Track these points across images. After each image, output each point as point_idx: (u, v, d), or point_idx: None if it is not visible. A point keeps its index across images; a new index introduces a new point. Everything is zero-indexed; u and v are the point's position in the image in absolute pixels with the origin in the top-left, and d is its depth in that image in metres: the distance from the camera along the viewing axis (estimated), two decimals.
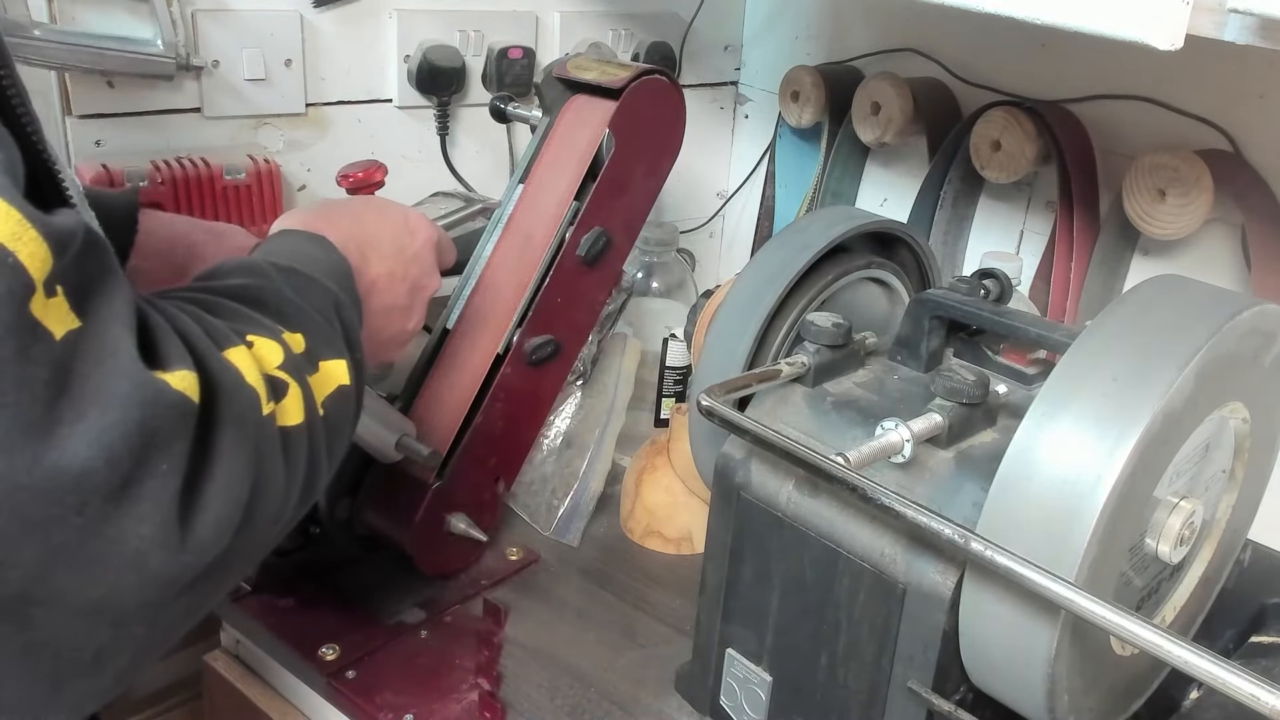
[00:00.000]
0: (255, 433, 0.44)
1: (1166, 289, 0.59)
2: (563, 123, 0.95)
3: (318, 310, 0.54)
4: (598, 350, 1.07)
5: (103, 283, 0.39)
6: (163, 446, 0.39)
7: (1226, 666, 0.46)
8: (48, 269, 0.36)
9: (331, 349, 0.53)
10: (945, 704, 0.61)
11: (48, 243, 0.36)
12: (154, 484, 0.38)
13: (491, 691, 0.79)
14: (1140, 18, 0.57)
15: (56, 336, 0.36)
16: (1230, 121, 0.99)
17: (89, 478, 0.36)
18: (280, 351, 0.48)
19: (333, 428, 0.51)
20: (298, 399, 0.48)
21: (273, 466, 0.45)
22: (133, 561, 0.38)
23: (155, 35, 0.94)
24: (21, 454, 0.35)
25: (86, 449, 0.36)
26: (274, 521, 0.46)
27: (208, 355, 0.43)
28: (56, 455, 0.36)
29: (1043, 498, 0.53)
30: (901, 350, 0.75)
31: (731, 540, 0.72)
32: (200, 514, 0.40)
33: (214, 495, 0.41)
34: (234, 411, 0.43)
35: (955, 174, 1.18)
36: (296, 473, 0.47)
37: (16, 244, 0.35)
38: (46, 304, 0.36)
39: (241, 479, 0.42)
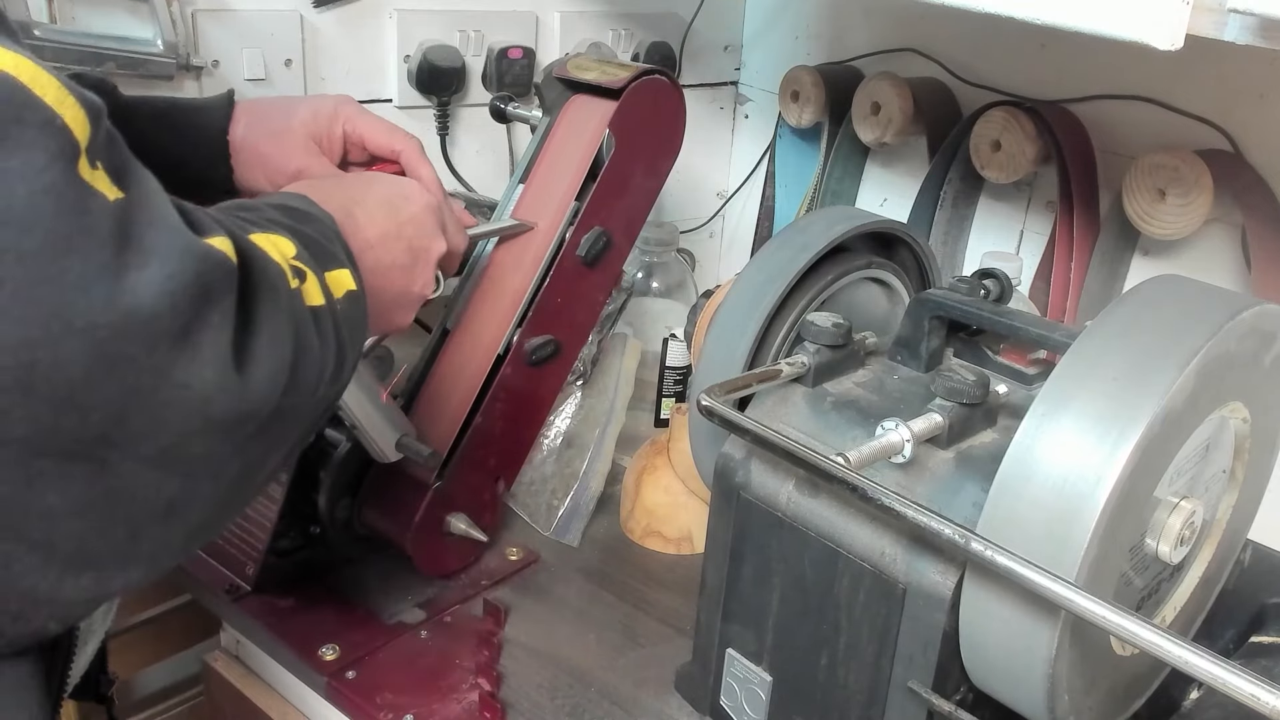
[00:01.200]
0: (288, 301, 0.47)
1: (1166, 289, 0.59)
2: (563, 123, 0.95)
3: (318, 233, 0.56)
4: (598, 350, 1.07)
5: (132, 163, 0.41)
6: (215, 300, 0.41)
7: (1227, 666, 0.46)
8: (87, 136, 0.38)
9: (334, 260, 0.55)
10: (945, 704, 0.61)
11: (84, 109, 0.38)
12: (210, 333, 0.41)
13: (491, 691, 0.79)
14: (1140, 18, 0.57)
15: (109, 199, 0.38)
16: (1230, 121, 0.99)
17: (157, 320, 0.39)
18: (293, 244, 0.51)
19: (350, 323, 0.53)
20: (316, 284, 0.50)
21: (307, 334, 0.48)
22: (198, 406, 0.41)
23: (155, 35, 0.94)
24: (97, 294, 0.37)
25: (152, 294, 0.38)
26: (314, 390, 0.48)
27: (236, 232, 0.46)
28: (129, 298, 0.38)
29: (1043, 498, 0.53)
30: (901, 350, 0.75)
31: (731, 540, 0.72)
32: (252, 364, 0.43)
33: (261, 349, 0.44)
34: (266, 280, 0.46)
35: (955, 174, 1.18)
36: (328, 347, 0.50)
37: (61, 108, 0.37)
38: (93, 172, 0.38)
39: (283, 338, 0.45)
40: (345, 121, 0.79)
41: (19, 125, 0.36)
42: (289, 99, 0.81)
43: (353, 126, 0.79)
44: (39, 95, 0.37)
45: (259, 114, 0.78)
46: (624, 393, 1.07)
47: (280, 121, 0.78)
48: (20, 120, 0.36)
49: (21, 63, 0.37)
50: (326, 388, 0.50)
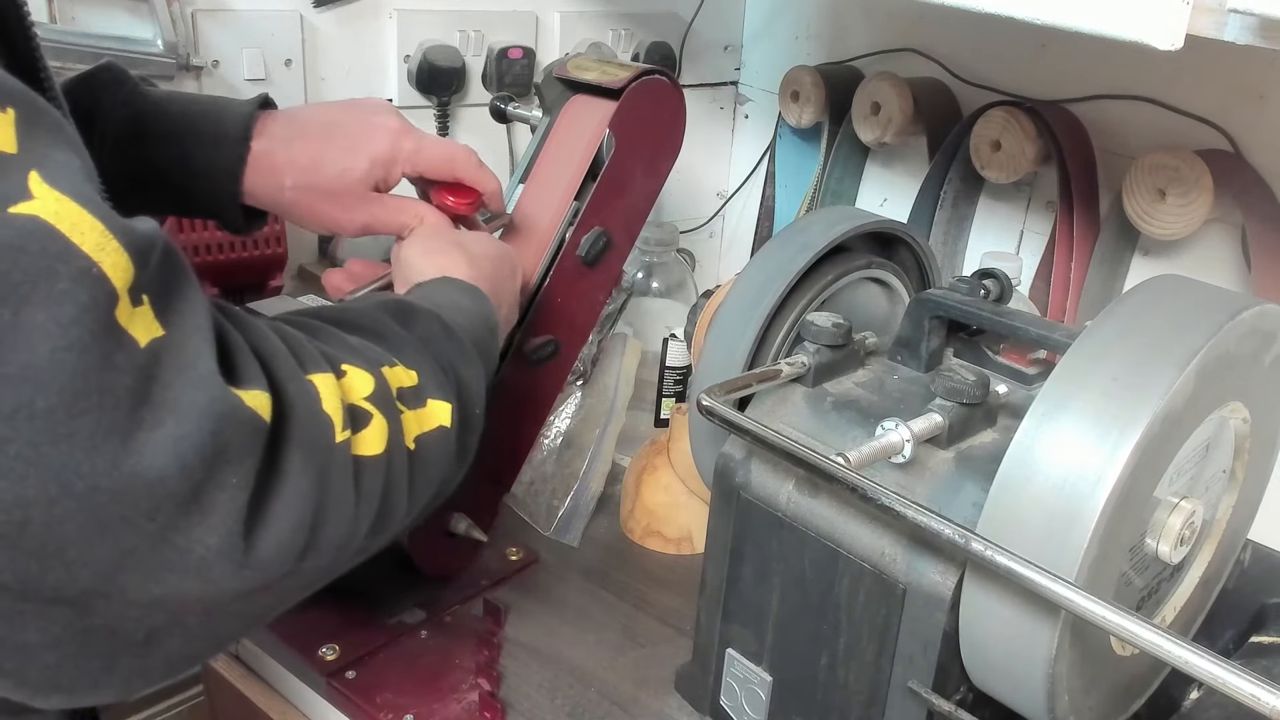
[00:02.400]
0: (325, 457, 0.44)
1: (1166, 289, 0.59)
2: (563, 123, 0.95)
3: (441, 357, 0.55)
4: (598, 350, 1.07)
5: (183, 291, 0.40)
6: (233, 461, 0.40)
7: (1227, 666, 0.46)
8: (130, 278, 0.37)
9: (441, 392, 0.54)
10: (945, 704, 0.61)
11: (129, 253, 0.37)
12: (223, 497, 0.39)
13: (491, 691, 0.79)
14: (1140, 18, 0.57)
15: (141, 344, 0.37)
16: (1230, 121, 0.99)
17: (163, 484, 0.37)
18: (371, 382, 0.49)
19: (423, 462, 0.51)
20: (380, 430, 0.48)
21: (341, 492, 0.45)
22: (197, 570, 0.39)
23: (155, 35, 0.94)
24: (103, 457, 0.36)
25: (162, 457, 0.37)
26: (340, 548, 0.46)
27: (289, 378, 0.44)
28: (135, 460, 0.37)
29: (1043, 498, 0.53)
30: (901, 350, 0.75)
31: (731, 540, 0.72)
32: (264, 531, 0.41)
33: (278, 515, 0.42)
34: (305, 435, 0.43)
35: (955, 174, 1.18)
36: (369, 503, 0.47)
37: (100, 254, 0.36)
38: (133, 313, 0.37)
39: (307, 502, 0.43)
40: (405, 165, 0.74)
41: (50, 278, 0.35)
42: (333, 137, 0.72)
43: (412, 167, 0.75)
44: (76, 243, 0.36)
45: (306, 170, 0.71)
46: (624, 393, 1.07)
47: (339, 181, 0.72)
48: (52, 273, 0.35)
49: (65, 207, 0.36)
50: (363, 541, 0.48)
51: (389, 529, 0.50)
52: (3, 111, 0.36)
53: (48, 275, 0.35)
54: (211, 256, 1.00)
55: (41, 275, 0.35)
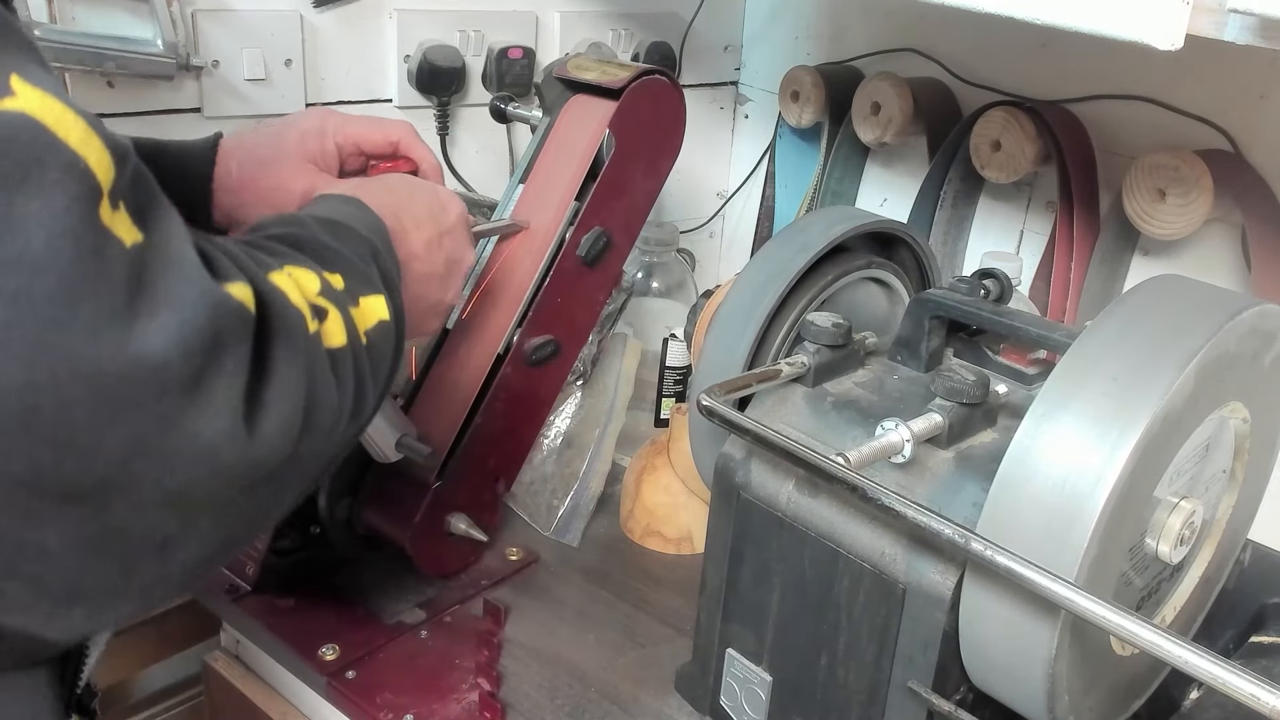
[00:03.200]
0: (305, 346, 0.46)
1: (1166, 289, 0.59)
2: (563, 123, 0.95)
3: (356, 255, 0.56)
4: (598, 350, 1.07)
5: (157, 200, 0.41)
6: (229, 347, 0.41)
7: (1227, 666, 0.46)
8: (110, 179, 0.38)
9: (369, 286, 0.55)
10: (945, 704, 0.61)
11: (109, 151, 0.38)
12: (222, 382, 0.41)
13: (491, 691, 0.79)
14: (1140, 18, 0.57)
15: (126, 244, 0.38)
16: (1230, 121, 0.99)
17: (166, 369, 0.38)
18: (318, 281, 0.50)
19: (376, 355, 0.53)
20: (339, 322, 0.50)
21: (324, 379, 0.47)
22: (206, 455, 0.40)
23: (155, 35, 0.94)
24: (106, 341, 0.37)
25: (163, 342, 0.38)
26: (328, 435, 0.48)
27: (256, 276, 0.45)
28: (138, 346, 0.38)
29: (1043, 498, 0.53)
30: (901, 350, 0.75)
31: (731, 540, 0.72)
32: (264, 414, 0.43)
33: (274, 398, 0.43)
34: (284, 325, 0.45)
35: (955, 174, 1.18)
36: (346, 389, 0.49)
37: (85, 150, 0.37)
38: (114, 215, 0.38)
39: (297, 385, 0.45)
40: (335, 134, 0.78)
41: (41, 168, 0.36)
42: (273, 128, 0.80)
43: (343, 136, 0.79)
44: (62, 138, 0.37)
45: (247, 149, 0.77)
46: (624, 393, 1.07)
47: (270, 151, 0.77)
48: (42, 163, 0.36)
49: (48, 103, 0.37)
50: (344, 428, 0.50)
51: (362, 417, 0.52)
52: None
53: (38, 165, 0.36)
54: None
55: (32, 165, 0.36)
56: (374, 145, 0.80)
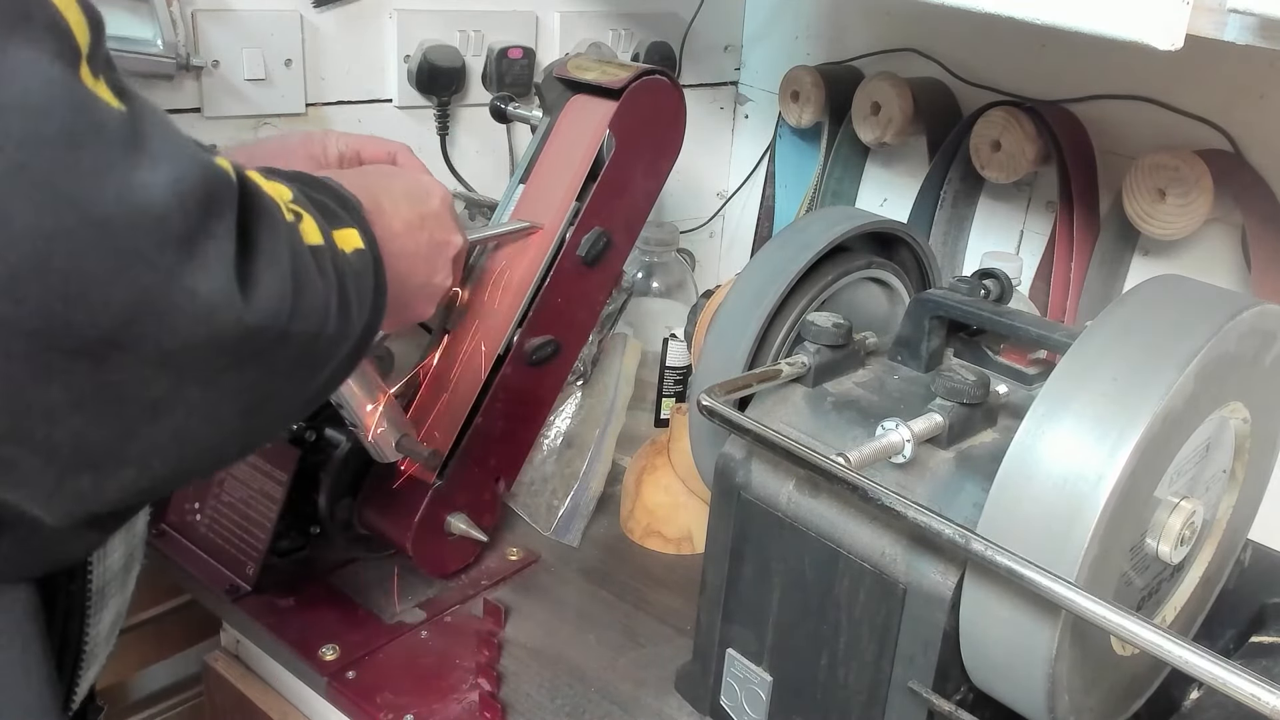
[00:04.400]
0: (286, 232, 0.46)
1: (1166, 289, 0.59)
2: (563, 123, 0.95)
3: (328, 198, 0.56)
4: (598, 350, 1.07)
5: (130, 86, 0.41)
6: (218, 211, 0.42)
7: (1227, 666, 0.46)
8: (88, 46, 0.39)
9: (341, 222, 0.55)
10: (946, 704, 0.61)
11: (86, 19, 0.39)
12: (214, 244, 0.41)
13: (491, 691, 0.79)
14: (1140, 18, 0.57)
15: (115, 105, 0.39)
16: (1230, 121, 0.99)
17: (167, 220, 0.39)
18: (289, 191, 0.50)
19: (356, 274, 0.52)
20: (313, 224, 0.50)
21: (306, 264, 0.47)
22: (204, 314, 0.41)
23: (155, 35, 0.94)
24: (110, 186, 0.38)
25: (162, 193, 0.39)
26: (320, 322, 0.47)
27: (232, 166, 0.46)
28: (140, 194, 0.38)
29: (1043, 498, 0.53)
30: (902, 350, 0.75)
31: (732, 540, 0.72)
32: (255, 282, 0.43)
33: (261, 269, 0.44)
34: (263, 208, 0.45)
35: (955, 174, 1.18)
36: (329, 282, 0.49)
37: (66, 10, 0.38)
38: (95, 82, 0.39)
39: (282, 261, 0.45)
40: (337, 141, 0.80)
41: (27, 22, 0.37)
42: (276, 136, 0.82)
43: (345, 143, 0.80)
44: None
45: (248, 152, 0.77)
46: (624, 393, 1.07)
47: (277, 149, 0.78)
48: (28, 16, 0.37)
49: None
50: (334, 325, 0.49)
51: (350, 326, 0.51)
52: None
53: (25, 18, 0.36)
54: None
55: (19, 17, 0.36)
56: (374, 155, 0.81)
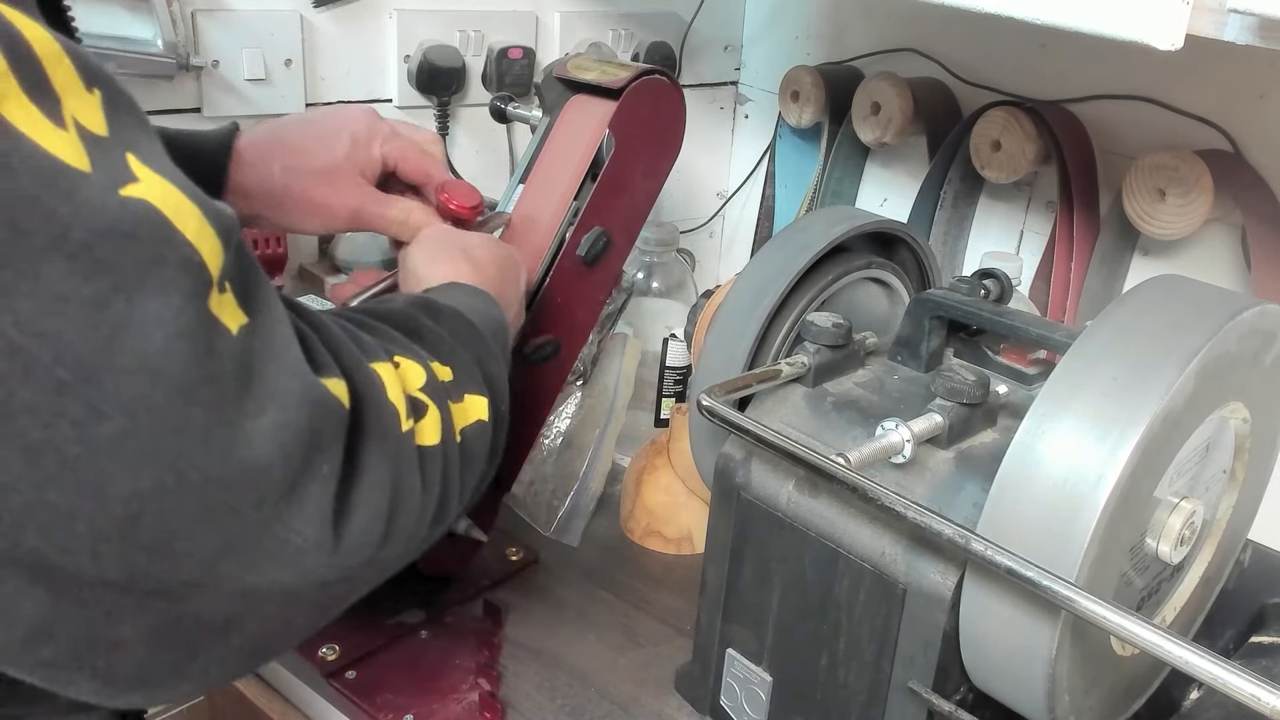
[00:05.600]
0: (395, 446, 0.45)
1: (1166, 289, 0.59)
2: (563, 123, 0.94)
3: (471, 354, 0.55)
4: (598, 350, 1.07)
5: (259, 279, 0.40)
6: (325, 448, 0.40)
7: (1227, 666, 0.46)
8: (220, 265, 0.37)
9: (475, 385, 0.54)
10: (946, 704, 0.61)
11: (220, 239, 0.37)
12: (317, 486, 0.40)
13: (491, 691, 0.79)
14: (1140, 18, 0.57)
15: (233, 332, 0.37)
16: (1230, 121, 0.99)
17: (269, 473, 0.37)
18: (424, 375, 0.49)
19: (469, 456, 0.52)
20: (435, 420, 0.49)
21: (410, 481, 0.46)
22: (293, 559, 0.39)
23: (155, 35, 0.94)
24: (216, 446, 0.36)
25: (268, 444, 0.37)
26: (410, 538, 0.46)
27: (355, 366, 0.44)
28: (245, 449, 0.37)
29: (1043, 498, 0.53)
30: (902, 350, 0.75)
31: (732, 540, 0.72)
32: (350, 519, 0.41)
33: (360, 502, 0.42)
34: (376, 424, 0.44)
35: (955, 174, 1.18)
36: (431, 492, 0.48)
37: (200, 241, 0.36)
38: (220, 300, 0.37)
39: (383, 490, 0.43)
40: (382, 143, 0.76)
41: (160, 265, 0.35)
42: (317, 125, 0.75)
43: (388, 148, 0.76)
44: (180, 230, 0.36)
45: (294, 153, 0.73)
46: (624, 393, 1.07)
47: (326, 158, 0.73)
48: (161, 260, 0.35)
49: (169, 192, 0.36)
50: (427, 530, 0.48)
51: (446, 519, 0.51)
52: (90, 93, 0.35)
53: (157, 262, 0.35)
54: None
55: (152, 262, 0.35)
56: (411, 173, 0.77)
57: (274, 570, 0.39)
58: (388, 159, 0.77)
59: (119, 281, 0.34)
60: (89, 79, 0.35)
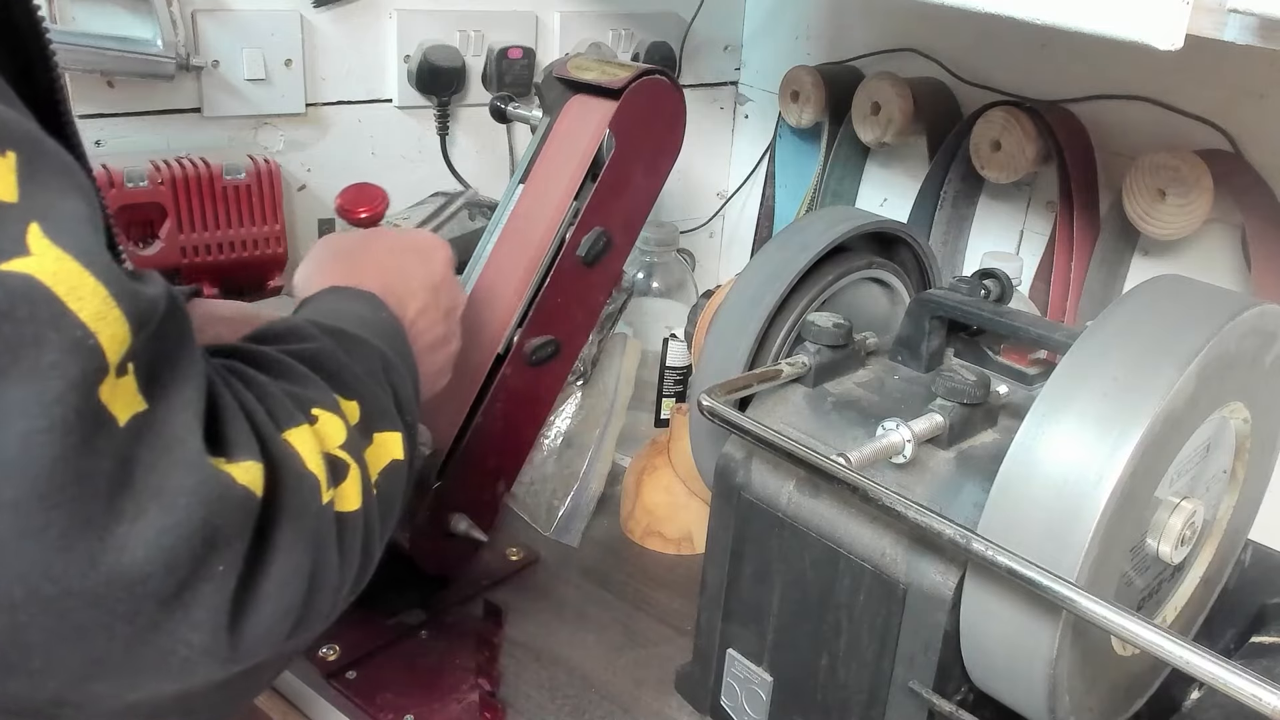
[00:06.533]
0: (314, 524, 0.41)
1: (1166, 289, 0.59)
2: (563, 123, 0.94)
3: (369, 374, 0.51)
4: (598, 350, 1.07)
5: (175, 360, 0.37)
6: (222, 547, 0.36)
7: (1227, 666, 0.46)
8: (124, 349, 0.34)
9: (385, 419, 0.50)
10: (946, 704, 0.61)
11: (129, 322, 0.34)
12: (209, 588, 0.36)
13: (491, 691, 0.79)
14: (1140, 18, 0.57)
15: (121, 422, 0.34)
16: (1230, 121, 0.99)
17: (145, 583, 0.34)
18: (343, 428, 0.46)
19: (385, 505, 0.48)
20: (356, 482, 0.45)
21: (328, 559, 0.42)
22: (178, 670, 0.36)
23: (155, 35, 0.94)
24: (77, 556, 0.32)
25: (145, 551, 0.34)
26: (325, 617, 0.43)
27: (270, 440, 0.40)
28: (114, 558, 0.33)
29: (1044, 498, 0.53)
30: (902, 350, 0.75)
31: (732, 540, 0.72)
32: (252, 617, 0.38)
33: (268, 596, 0.38)
34: (294, 502, 0.40)
35: (955, 174, 1.18)
36: (350, 563, 0.44)
37: (99, 324, 0.33)
38: (115, 384, 0.34)
39: (298, 576, 0.40)
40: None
41: (38, 348, 0.31)
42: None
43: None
44: (74, 310, 0.32)
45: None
46: (624, 393, 1.07)
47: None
48: (40, 342, 0.31)
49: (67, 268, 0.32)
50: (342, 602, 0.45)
51: (362, 585, 0.47)
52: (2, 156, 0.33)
53: (35, 344, 0.31)
54: (211, 257, 1.00)
55: (27, 344, 0.31)
56: None
57: (157, 683, 0.36)
58: None
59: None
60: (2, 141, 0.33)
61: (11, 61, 0.41)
